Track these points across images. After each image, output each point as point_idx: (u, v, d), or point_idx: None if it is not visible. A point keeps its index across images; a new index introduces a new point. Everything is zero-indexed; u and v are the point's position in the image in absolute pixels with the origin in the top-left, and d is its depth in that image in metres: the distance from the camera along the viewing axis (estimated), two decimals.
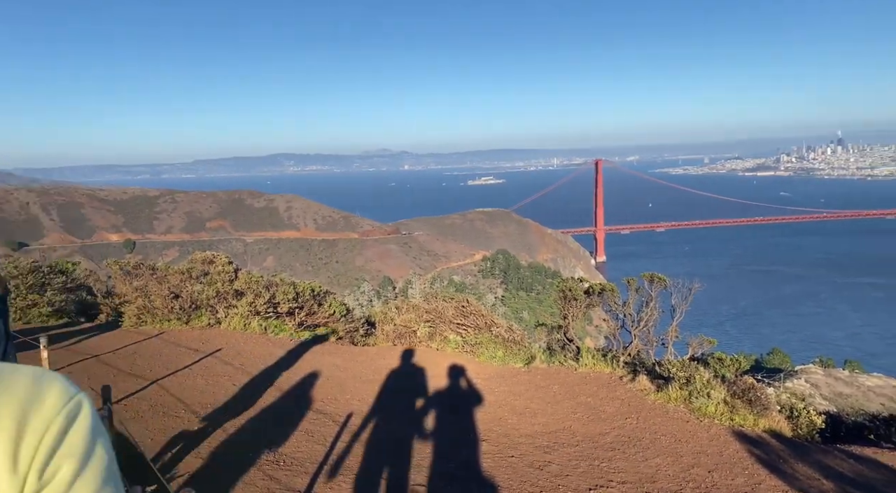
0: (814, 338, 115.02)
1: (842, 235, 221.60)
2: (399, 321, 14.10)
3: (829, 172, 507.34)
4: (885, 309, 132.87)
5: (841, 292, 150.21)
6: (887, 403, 56.79)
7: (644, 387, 10.85)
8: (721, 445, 8.48)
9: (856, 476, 7.62)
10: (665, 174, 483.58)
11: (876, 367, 76.13)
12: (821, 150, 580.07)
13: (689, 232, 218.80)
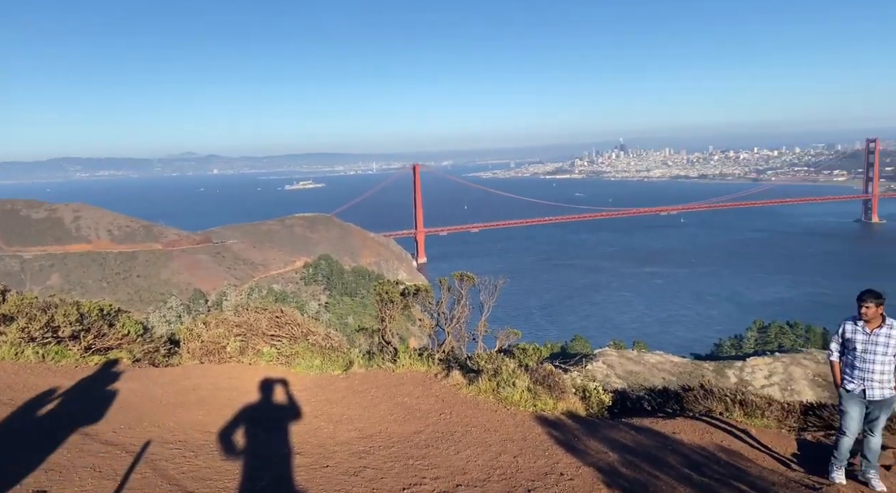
0: (608, 323, 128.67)
1: (628, 230, 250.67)
2: (206, 337, 13.21)
3: (615, 175, 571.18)
4: (664, 294, 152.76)
5: (628, 280, 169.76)
6: (667, 376, 64.43)
7: (457, 382, 11.30)
8: (525, 430, 9.09)
9: (636, 446, 8.60)
10: (477, 178, 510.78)
11: (657, 345, 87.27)
12: (607, 155, 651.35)
13: (500, 231, 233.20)
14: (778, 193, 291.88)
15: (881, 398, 7.62)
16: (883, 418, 7.69)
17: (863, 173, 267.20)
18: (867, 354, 7.63)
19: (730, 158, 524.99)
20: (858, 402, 7.73)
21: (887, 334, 7.57)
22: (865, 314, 7.61)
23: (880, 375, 7.59)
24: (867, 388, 7.64)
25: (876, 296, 7.58)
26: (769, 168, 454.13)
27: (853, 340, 7.78)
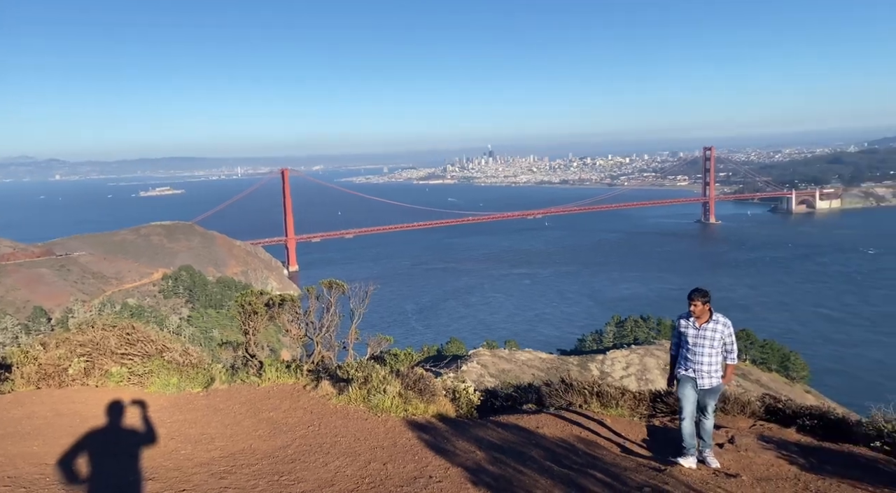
0: (481, 324, 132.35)
1: (498, 234, 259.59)
2: (44, 359, 11.92)
3: (485, 180, 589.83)
4: (532, 294, 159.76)
5: (499, 282, 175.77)
6: (537, 373, 67.14)
7: (326, 392, 11.06)
8: (395, 436, 9.07)
9: (502, 442, 8.87)
10: (349, 183, 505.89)
11: (528, 343, 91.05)
12: (477, 160, 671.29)
13: (375, 237, 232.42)
14: (630, 196, 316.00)
15: (710, 387, 8.35)
16: (711, 403, 8.41)
17: (701, 179, 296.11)
18: (697, 346, 8.34)
19: (588, 164, 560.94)
20: (691, 387, 8.42)
21: (713, 328, 8.29)
22: (694, 311, 8.30)
23: (708, 366, 8.31)
24: (698, 377, 8.36)
25: (703, 294, 8.28)
26: (622, 174, 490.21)
27: (686, 334, 8.48)
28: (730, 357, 8.43)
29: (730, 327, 8.42)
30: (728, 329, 8.38)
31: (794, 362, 73.52)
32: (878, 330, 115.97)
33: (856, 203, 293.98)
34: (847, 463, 8.15)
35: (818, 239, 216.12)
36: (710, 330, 8.31)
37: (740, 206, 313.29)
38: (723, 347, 8.40)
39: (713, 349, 8.31)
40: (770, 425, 10.35)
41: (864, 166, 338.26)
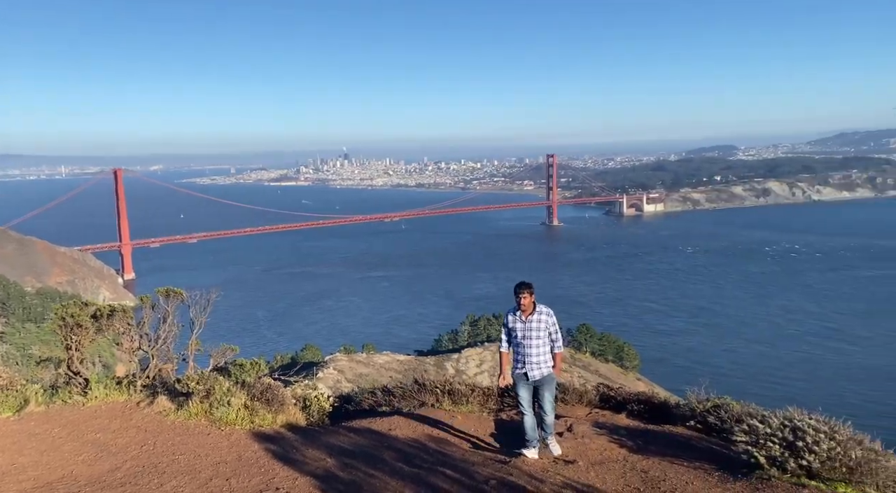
0: (338, 329, 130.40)
1: (355, 236, 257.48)
2: None
3: (340, 182, 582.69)
4: (390, 296, 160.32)
5: (356, 285, 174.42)
6: (395, 375, 67.39)
7: (163, 408, 10.27)
8: (241, 450, 8.63)
9: (354, 447, 8.76)
10: (193, 184, 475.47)
11: (385, 346, 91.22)
12: (332, 162, 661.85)
13: (223, 241, 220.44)
14: (482, 200, 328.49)
15: (541, 377, 8.66)
16: (547, 394, 8.70)
17: (545, 184, 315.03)
18: (525, 339, 8.63)
19: (442, 168, 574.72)
20: (525, 383, 8.71)
21: (538, 319, 8.62)
22: (523, 304, 8.59)
23: (537, 356, 8.62)
24: (528, 370, 8.64)
25: (529, 287, 8.64)
26: (475, 178, 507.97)
27: (514, 328, 8.75)
28: (556, 346, 8.76)
29: (553, 316, 8.73)
30: (552, 319, 8.71)
31: (627, 352, 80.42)
32: (694, 321, 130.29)
33: (677, 207, 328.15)
34: (668, 443, 9.01)
35: (646, 239, 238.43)
36: (535, 321, 8.60)
37: (580, 209, 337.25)
38: (549, 336, 8.70)
39: (540, 341, 8.60)
40: (604, 412, 11.19)
41: (683, 174, 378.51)
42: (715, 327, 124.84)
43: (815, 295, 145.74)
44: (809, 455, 6.93)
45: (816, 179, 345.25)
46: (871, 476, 6.79)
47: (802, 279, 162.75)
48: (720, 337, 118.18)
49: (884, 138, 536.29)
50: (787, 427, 7.40)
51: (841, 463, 6.84)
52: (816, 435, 7.05)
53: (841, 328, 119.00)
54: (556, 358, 8.82)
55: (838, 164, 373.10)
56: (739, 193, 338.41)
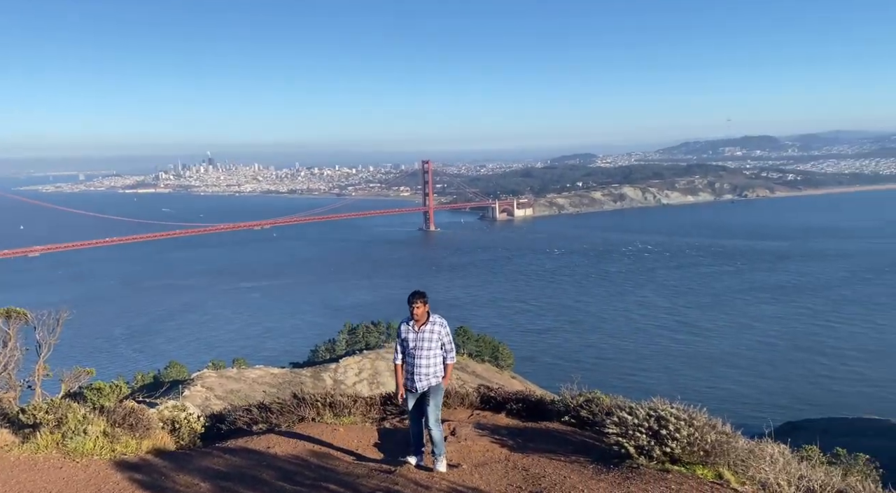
0: (206, 344, 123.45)
1: (223, 246, 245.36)
2: None
3: (205, 189, 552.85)
4: (262, 308, 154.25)
5: (225, 297, 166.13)
6: (268, 389, 64.76)
7: (5, 443, 9.13)
8: (100, 482, 7.87)
9: (230, 469, 8.28)
10: (35, 192, 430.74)
11: (259, 360, 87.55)
12: (195, 168, 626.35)
13: (72, 254, 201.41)
14: (358, 206, 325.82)
15: (427, 388, 8.35)
16: (433, 405, 8.41)
17: (421, 189, 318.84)
18: (416, 349, 8.39)
19: (315, 174, 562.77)
20: (413, 394, 8.46)
21: (431, 329, 8.44)
22: (415, 314, 8.38)
23: (427, 368, 8.33)
24: (416, 381, 8.39)
25: (423, 296, 8.45)
26: (350, 184, 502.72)
27: (407, 339, 8.51)
28: (449, 357, 8.54)
29: (446, 326, 8.53)
30: (445, 329, 8.50)
31: (502, 352, 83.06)
32: (561, 319, 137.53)
33: (544, 211, 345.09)
34: (546, 439, 9.38)
35: (517, 243, 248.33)
36: (428, 332, 8.38)
37: (455, 214, 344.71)
38: (442, 347, 8.47)
39: (431, 351, 8.35)
40: (485, 413, 11.45)
41: (549, 180, 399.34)
42: (579, 323, 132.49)
43: (666, 291, 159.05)
44: (672, 442, 7.50)
45: (665, 185, 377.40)
46: (724, 457, 7.47)
47: (654, 277, 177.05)
48: (584, 333, 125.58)
49: (720, 147, 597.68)
50: (652, 417, 7.95)
51: (699, 447, 7.46)
52: (678, 423, 7.65)
53: (688, 321, 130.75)
54: (448, 369, 8.60)
55: (683, 170, 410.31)
56: (599, 198, 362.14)
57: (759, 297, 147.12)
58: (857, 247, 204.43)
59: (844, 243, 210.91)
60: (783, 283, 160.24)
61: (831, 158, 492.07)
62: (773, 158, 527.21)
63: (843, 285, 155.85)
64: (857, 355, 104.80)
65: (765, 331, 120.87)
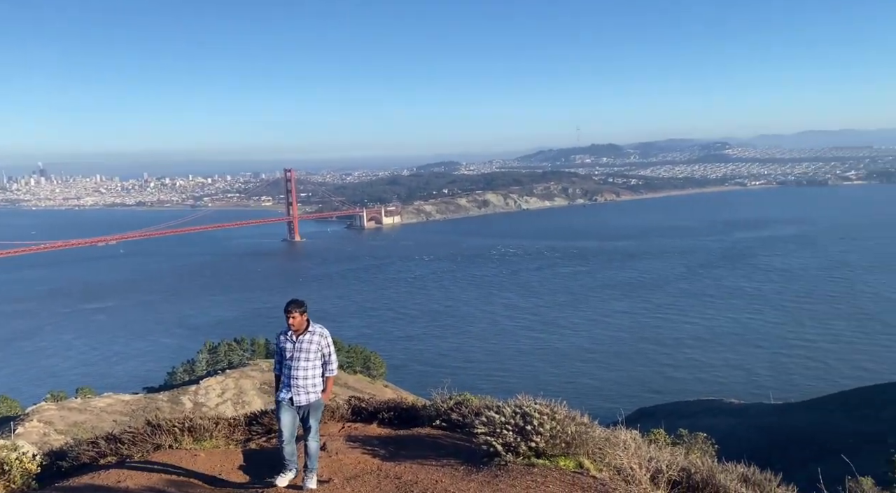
0: (44, 373, 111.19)
1: (60, 265, 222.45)
2: None
3: (37, 203, 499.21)
4: (110, 330, 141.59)
5: (65, 321, 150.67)
6: (119, 418, 59.72)
7: None
8: None
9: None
10: None
11: (108, 387, 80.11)
12: (25, 180, 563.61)
13: None
14: (215, 218, 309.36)
15: (307, 403, 7.94)
16: (314, 421, 7.99)
17: (284, 199, 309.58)
18: (293, 361, 7.95)
19: (166, 185, 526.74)
20: (289, 409, 7.99)
21: (310, 339, 7.97)
22: (293, 324, 7.96)
23: (304, 380, 7.89)
24: (294, 394, 7.94)
25: (299, 304, 8.01)
26: (205, 195, 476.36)
27: (284, 349, 8.09)
28: (329, 369, 8.18)
29: (327, 337, 8.22)
30: (326, 339, 8.17)
31: (374, 361, 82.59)
32: (432, 324, 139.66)
33: (412, 218, 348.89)
34: (418, 445, 9.42)
35: (387, 250, 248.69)
36: (307, 342, 8.00)
37: (321, 223, 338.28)
38: (322, 359, 8.14)
39: (309, 363, 7.96)
40: (357, 424, 11.28)
41: (415, 187, 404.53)
42: (449, 328, 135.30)
43: (528, 292, 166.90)
44: (537, 437, 7.83)
45: (524, 191, 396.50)
46: (583, 447, 7.92)
47: (518, 279, 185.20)
48: (454, 337, 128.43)
49: (572, 155, 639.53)
50: (518, 414, 8.26)
51: (561, 440, 7.86)
52: (541, 418, 8.00)
53: (548, 320, 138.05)
54: (328, 383, 8.22)
55: (540, 177, 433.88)
56: (464, 205, 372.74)
57: (610, 294, 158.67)
58: (692, 244, 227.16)
59: (680, 241, 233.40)
60: (631, 280, 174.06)
61: (667, 165, 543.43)
62: (618, 164, 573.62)
63: (680, 279, 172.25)
64: (693, 344, 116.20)
65: (615, 326, 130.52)
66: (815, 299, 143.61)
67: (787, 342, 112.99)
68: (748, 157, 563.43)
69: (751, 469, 7.94)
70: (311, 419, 8.00)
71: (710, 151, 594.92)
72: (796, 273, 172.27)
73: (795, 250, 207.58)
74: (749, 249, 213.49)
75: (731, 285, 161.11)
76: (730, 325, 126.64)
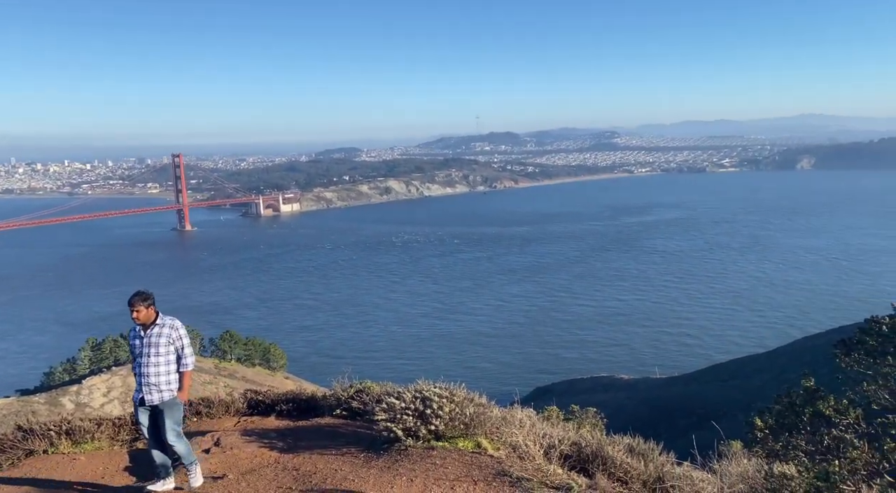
0: None
1: None
2: None
3: None
4: None
5: None
6: None
7: None
8: None
9: None
10: None
11: None
12: None
13: None
14: (96, 206, 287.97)
15: (160, 403, 7.34)
16: (169, 421, 7.36)
17: (173, 186, 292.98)
18: (142, 357, 7.38)
19: (38, 171, 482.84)
20: (145, 410, 7.46)
21: (158, 332, 7.36)
22: (137, 318, 7.38)
23: (155, 377, 7.30)
24: (146, 393, 7.33)
25: (143, 297, 7.33)
26: (84, 182, 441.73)
27: (134, 345, 7.55)
28: (183, 363, 7.53)
29: (179, 329, 7.53)
30: (177, 332, 7.49)
31: (274, 353, 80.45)
32: (336, 313, 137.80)
33: (312, 206, 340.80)
34: (317, 435, 9.27)
35: (286, 239, 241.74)
36: (155, 336, 7.38)
37: (214, 212, 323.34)
38: (175, 353, 7.51)
39: (161, 358, 7.35)
40: (253, 418, 10.94)
41: (315, 174, 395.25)
42: (355, 316, 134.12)
43: (435, 277, 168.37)
44: (436, 420, 7.94)
45: (426, 178, 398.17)
46: (482, 427, 8.12)
47: (422, 266, 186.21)
48: (358, 326, 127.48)
49: (472, 143, 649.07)
50: (418, 399, 8.33)
51: (459, 421, 8.01)
52: (441, 401, 8.11)
53: (451, 306, 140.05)
54: (184, 379, 7.54)
55: (441, 164, 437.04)
56: (366, 191, 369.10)
57: (509, 278, 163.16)
58: (585, 229, 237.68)
59: (574, 226, 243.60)
60: (529, 264, 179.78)
61: (561, 153, 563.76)
62: (516, 152, 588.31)
63: (575, 263, 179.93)
64: (585, 325, 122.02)
65: (514, 309, 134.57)
66: (693, 279, 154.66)
67: (669, 321, 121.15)
68: (634, 145, 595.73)
69: (636, 440, 8.45)
70: (166, 420, 7.38)
71: (600, 139, 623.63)
72: (677, 255, 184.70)
73: (677, 233, 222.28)
74: (636, 232, 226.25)
75: (619, 267, 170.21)
76: (618, 305, 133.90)
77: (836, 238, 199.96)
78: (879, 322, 4.94)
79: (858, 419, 4.52)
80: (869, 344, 4.80)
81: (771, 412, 5.10)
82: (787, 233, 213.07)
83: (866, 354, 4.76)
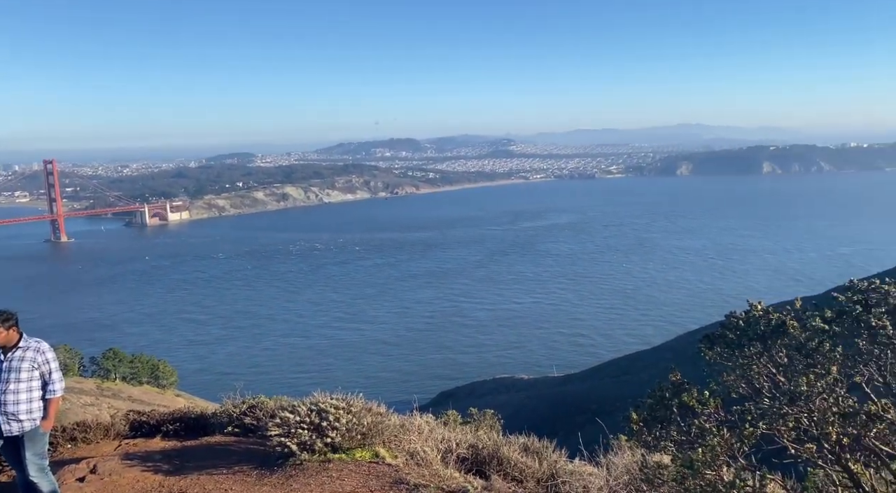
0: None
1: None
2: None
3: None
4: None
5: None
6: None
7: None
8: None
9: None
10: None
11: None
12: None
13: None
14: None
15: (20, 432, 6.76)
16: (30, 454, 6.82)
17: (45, 194, 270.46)
18: (3, 383, 6.72)
19: None
20: (7, 441, 6.82)
21: (21, 356, 6.78)
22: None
23: (14, 405, 6.70)
24: (3, 423, 6.73)
25: (3, 318, 6.72)
26: None
27: None
28: (50, 390, 6.93)
29: (46, 352, 6.96)
30: (44, 356, 6.90)
31: (163, 370, 75.78)
32: (231, 325, 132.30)
33: (203, 214, 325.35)
34: (207, 455, 8.84)
35: (176, 249, 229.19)
36: (17, 360, 6.75)
37: (94, 222, 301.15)
38: (41, 379, 6.92)
39: (22, 384, 6.75)
40: (136, 441, 10.28)
41: (205, 180, 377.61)
42: (252, 328, 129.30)
43: (336, 285, 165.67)
44: (332, 432, 7.80)
45: (325, 184, 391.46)
46: (380, 436, 8.07)
47: (324, 273, 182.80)
48: (258, 337, 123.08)
49: (372, 148, 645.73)
50: (314, 412, 8.15)
51: (357, 432, 7.92)
52: (337, 413, 7.98)
53: (354, 314, 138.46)
54: (50, 406, 6.95)
55: (341, 170, 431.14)
56: (262, 198, 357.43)
57: (411, 284, 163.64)
58: (485, 234, 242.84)
59: (475, 231, 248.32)
60: (432, 269, 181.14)
61: (461, 159, 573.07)
62: (417, 158, 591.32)
63: (475, 267, 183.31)
64: (484, 329, 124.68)
65: (415, 314, 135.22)
66: (585, 280, 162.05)
67: (563, 322, 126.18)
68: (530, 153, 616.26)
69: (531, 439, 8.71)
70: (27, 452, 6.78)
71: (497, 146, 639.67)
72: (570, 257, 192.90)
73: (570, 237, 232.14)
74: (533, 237, 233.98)
75: (517, 271, 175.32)
76: (516, 308, 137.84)
77: (712, 239, 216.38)
78: (737, 317, 5.44)
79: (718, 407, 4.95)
80: (728, 338, 5.28)
81: (644, 405, 5.47)
82: (669, 235, 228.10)
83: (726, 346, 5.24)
